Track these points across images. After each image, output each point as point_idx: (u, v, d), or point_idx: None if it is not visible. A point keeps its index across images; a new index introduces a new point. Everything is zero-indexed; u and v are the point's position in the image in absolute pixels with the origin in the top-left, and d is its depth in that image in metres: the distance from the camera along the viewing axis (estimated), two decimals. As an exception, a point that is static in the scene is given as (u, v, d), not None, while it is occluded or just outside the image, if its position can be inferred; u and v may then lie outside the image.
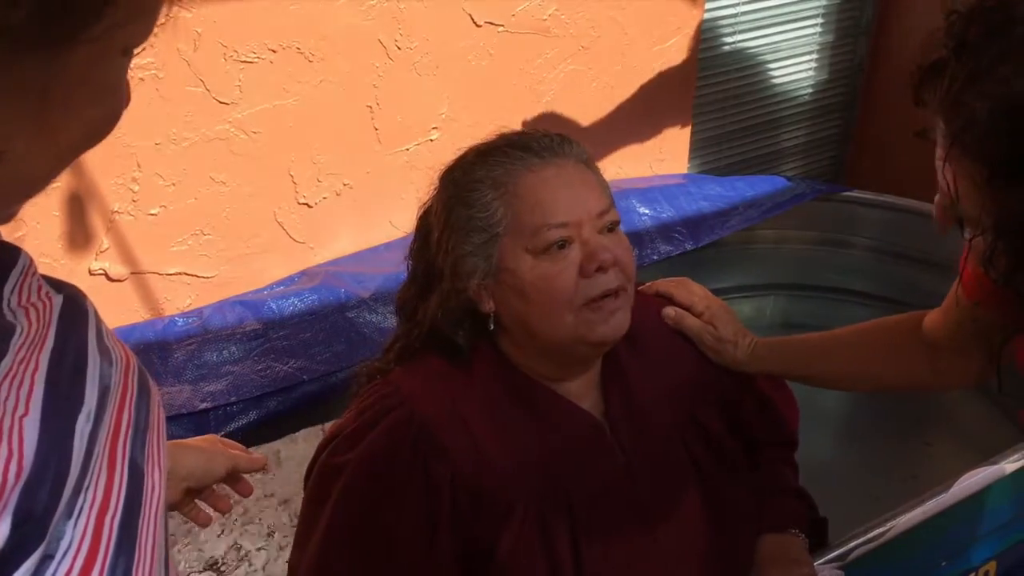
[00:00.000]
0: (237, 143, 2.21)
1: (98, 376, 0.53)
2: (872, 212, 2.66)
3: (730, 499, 1.24)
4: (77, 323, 0.54)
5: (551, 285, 1.09)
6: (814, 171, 3.50)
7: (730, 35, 3.02)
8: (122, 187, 2.09)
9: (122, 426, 0.53)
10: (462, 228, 1.12)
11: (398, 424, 1.12)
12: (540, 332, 1.12)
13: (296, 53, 2.20)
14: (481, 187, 1.11)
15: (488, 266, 1.11)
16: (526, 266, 1.10)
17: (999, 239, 0.90)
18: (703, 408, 1.26)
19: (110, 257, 2.15)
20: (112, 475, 0.51)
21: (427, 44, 2.37)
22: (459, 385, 1.15)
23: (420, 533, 1.09)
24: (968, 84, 0.86)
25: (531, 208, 1.09)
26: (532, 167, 1.11)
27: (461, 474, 1.10)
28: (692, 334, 1.31)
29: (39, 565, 0.45)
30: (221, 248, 2.29)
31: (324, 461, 1.16)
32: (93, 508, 0.48)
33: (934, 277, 2.56)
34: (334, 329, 2.19)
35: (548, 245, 1.09)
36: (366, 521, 1.11)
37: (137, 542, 0.51)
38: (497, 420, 1.14)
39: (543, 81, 2.60)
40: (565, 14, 2.56)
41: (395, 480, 1.10)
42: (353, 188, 2.42)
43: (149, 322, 2.17)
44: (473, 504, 1.10)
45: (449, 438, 1.11)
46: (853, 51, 3.35)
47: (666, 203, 2.63)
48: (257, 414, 2.06)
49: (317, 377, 2.11)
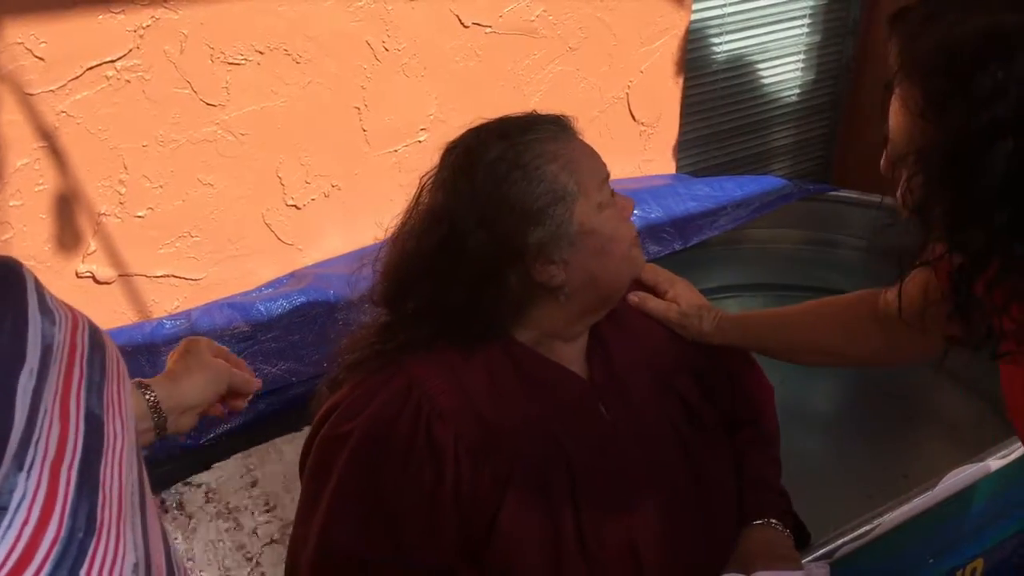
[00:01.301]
0: (225, 145, 2.20)
1: (40, 336, 0.54)
2: (859, 211, 2.67)
3: (710, 461, 1.28)
4: (14, 289, 0.55)
5: (620, 231, 1.19)
6: (802, 171, 3.51)
7: (718, 36, 3.03)
8: (109, 189, 2.09)
9: (72, 380, 0.55)
10: (529, 208, 1.12)
11: (399, 391, 1.14)
12: (612, 281, 1.20)
13: (284, 55, 2.20)
14: (541, 162, 1.14)
15: (565, 235, 1.14)
16: (604, 219, 1.17)
17: (918, 169, 0.99)
18: (679, 377, 1.30)
19: (97, 260, 2.14)
20: (66, 427, 0.52)
21: (415, 45, 2.38)
22: (458, 354, 1.17)
23: (426, 496, 1.11)
24: (924, 22, 0.99)
25: (588, 168, 1.17)
26: (564, 137, 1.19)
27: (463, 436, 1.12)
28: (658, 314, 1.35)
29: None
30: (209, 250, 2.29)
31: (325, 434, 1.17)
32: (46, 460, 0.50)
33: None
34: (323, 331, 2.18)
35: (609, 197, 1.18)
36: (372, 486, 1.12)
37: (100, 486, 0.53)
38: (495, 385, 1.16)
39: (531, 82, 2.61)
40: (553, 15, 2.57)
41: (399, 444, 1.11)
42: (341, 189, 2.42)
43: (137, 325, 2.16)
44: (476, 466, 1.12)
45: (449, 402, 1.13)
46: (840, 52, 3.37)
47: (654, 203, 2.64)
48: (245, 416, 2.06)
49: (306, 379, 2.11)
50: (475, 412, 1.14)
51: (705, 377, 1.34)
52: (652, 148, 2.96)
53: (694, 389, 1.31)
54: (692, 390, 1.30)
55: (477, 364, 1.17)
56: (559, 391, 1.20)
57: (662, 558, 1.18)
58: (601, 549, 1.14)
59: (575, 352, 1.24)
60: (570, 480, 1.15)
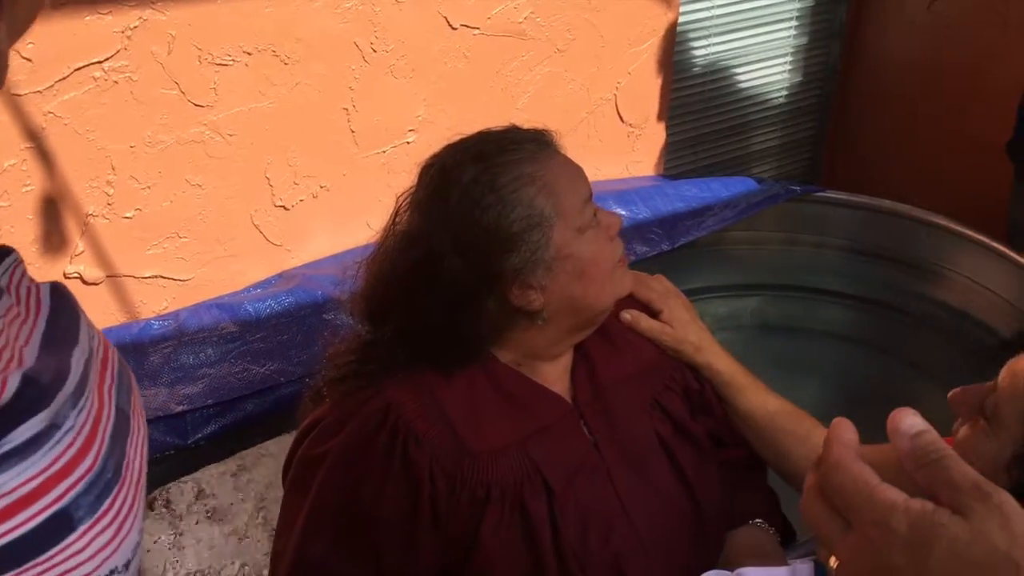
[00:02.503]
0: (213, 146, 2.21)
1: (87, 340, 0.59)
2: (845, 212, 2.68)
3: (700, 475, 1.26)
4: (69, 300, 0.61)
5: (602, 254, 1.17)
6: (789, 173, 3.53)
7: (705, 38, 3.05)
8: (96, 190, 2.09)
9: (105, 380, 0.59)
10: (504, 233, 1.11)
11: (375, 412, 1.13)
12: (593, 304, 1.17)
13: (272, 56, 2.20)
14: (517, 184, 1.11)
15: (541, 260, 1.12)
16: (583, 242, 1.14)
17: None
18: (665, 393, 1.28)
19: (85, 260, 2.14)
20: (101, 407, 0.57)
21: (403, 47, 2.38)
22: (437, 375, 1.16)
23: (402, 517, 1.11)
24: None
25: (567, 190, 1.15)
26: (543, 156, 1.16)
27: (440, 460, 1.12)
28: (651, 336, 1.32)
29: (47, 429, 0.51)
30: (197, 251, 2.29)
31: (303, 453, 1.17)
32: (90, 415, 0.55)
33: (907, 276, 2.60)
34: (311, 331, 2.19)
35: (590, 219, 1.16)
36: (346, 506, 1.12)
37: (125, 460, 0.58)
38: (475, 406, 1.15)
39: (519, 83, 2.61)
40: (540, 17, 2.58)
41: (374, 466, 1.11)
42: (330, 190, 2.42)
43: (125, 325, 2.16)
44: (452, 489, 1.12)
45: (426, 425, 1.12)
46: (827, 54, 3.39)
47: (642, 204, 2.65)
48: (234, 417, 2.06)
49: (294, 379, 2.11)
50: (452, 435, 1.13)
51: (695, 395, 1.32)
52: (640, 149, 2.97)
53: (681, 407, 1.29)
54: (679, 408, 1.29)
55: (457, 385, 1.16)
56: (539, 412, 1.18)
57: (647, 568, 1.17)
58: (582, 568, 1.13)
59: (558, 371, 1.23)
60: (547, 500, 1.14)
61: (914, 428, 0.55)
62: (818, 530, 0.55)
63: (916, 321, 2.59)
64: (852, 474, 0.53)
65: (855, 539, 0.53)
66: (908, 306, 2.60)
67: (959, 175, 3.07)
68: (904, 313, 2.61)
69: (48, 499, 0.50)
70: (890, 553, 0.51)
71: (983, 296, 2.47)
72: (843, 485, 0.53)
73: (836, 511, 0.54)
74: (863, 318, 2.67)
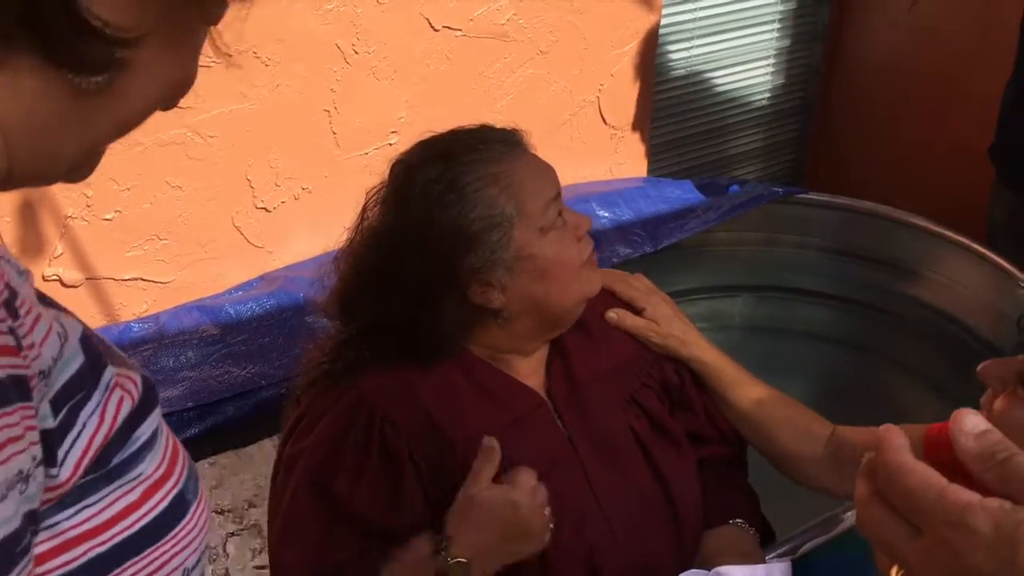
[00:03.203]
0: (194, 147, 2.19)
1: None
2: (827, 213, 2.69)
3: (675, 471, 1.27)
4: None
5: (566, 254, 1.16)
6: (773, 175, 3.54)
7: (688, 40, 3.05)
8: (75, 192, 2.07)
9: None
10: (463, 232, 1.11)
11: (351, 405, 1.14)
12: (557, 304, 1.17)
13: (252, 57, 2.19)
14: (480, 184, 1.12)
15: (501, 260, 1.13)
16: (546, 243, 1.15)
17: None
18: (642, 390, 1.29)
19: (64, 263, 2.12)
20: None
21: (385, 48, 2.38)
22: (414, 369, 1.17)
23: (383, 503, 1.11)
24: None
25: (531, 191, 1.15)
26: (510, 157, 1.16)
27: (418, 445, 1.13)
28: (637, 333, 1.33)
29: (160, 423, 0.59)
30: (178, 253, 2.27)
31: (285, 453, 1.19)
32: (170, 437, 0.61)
33: (888, 276, 2.61)
34: (293, 334, 2.18)
35: (554, 219, 1.16)
36: (325, 502, 1.12)
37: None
38: (450, 398, 1.16)
39: (501, 85, 2.61)
40: (523, 19, 2.58)
41: (352, 455, 1.12)
42: (312, 192, 2.41)
43: (103, 328, 2.14)
44: (435, 476, 1.13)
45: (403, 416, 1.14)
46: (809, 56, 3.40)
47: (625, 206, 2.65)
48: (214, 420, 2.05)
49: (275, 382, 2.10)
50: (429, 424, 1.14)
51: (674, 390, 1.33)
52: (623, 151, 2.98)
53: (659, 403, 1.30)
54: (657, 404, 1.29)
55: (433, 378, 1.17)
56: (513, 405, 1.19)
57: (620, 562, 1.18)
58: (556, 559, 1.14)
59: (532, 364, 1.24)
60: None
61: (978, 428, 0.53)
62: (881, 537, 0.54)
63: (897, 321, 2.60)
64: (918, 476, 0.52)
65: (927, 543, 0.51)
66: (889, 306, 2.61)
67: (941, 177, 3.08)
68: (885, 313, 2.62)
69: (170, 484, 0.57)
70: (971, 554, 0.49)
71: (963, 297, 2.48)
72: (910, 488, 0.52)
73: (901, 517, 0.52)
74: (845, 318, 2.68)
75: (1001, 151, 2.36)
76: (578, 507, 1.18)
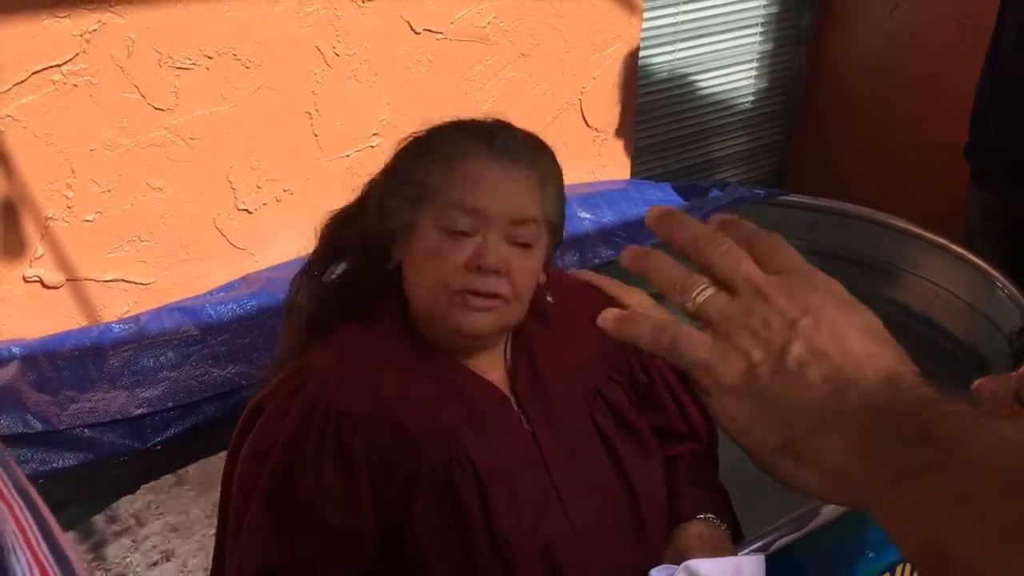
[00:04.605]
0: (174, 149, 2.20)
1: None
2: (807, 215, 2.71)
3: (640, 469, 1.27)
4: None
5: (439, 263, 1.12)
6: (756, 177, 3.55)
7: (670, 43, 3.07)
8: (56, 193, 2.08)
9: None
10: (403, 177, 1.18)
11: (308, 402, 1.14)
12: (421, 304, 1.16)
13: (233, 60, 2.20)
14: (433, 155, 1.17)
15: (407, 221, 1.16)
16: (430, 238, 1.14)
17: None
18: (609, 385, 1.29)
19: (45, 264, 2.13)
20: None
21: (366, 51, 2.39)
22: (372, 357, 1.18)
23: (341, 503, 1.12)
24: None
25: (459, 188, 1.13)
26: (484, 156, 1.15)
27: (373, 440, 1.13)
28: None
29: None
30: (159, 255, 2.28)
31: (248, 449, 1.18)
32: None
33: (867, 278, 2.62)
34: (273, 335, 2.18)
35: (452, 227, 1.13)
36: (288, 497, 1.13)
37: None
38: (407, 389, 1.17)
39: (483, 88, 2.62)
40: (504, 22, 2.59)
41: (311, 456, 1.12)
42: (293, 194, 2.42)
43: (84, 329, 2.15)
44: (387, 471, 1.13)
45: (359, 409, 1.14)
46: (792, 59, 3.42)
47: (607, 208, 2.67)
48: (194, 420, 2.06)
49: (256, 382, 2.09)
50: (385, 418, 1.14)
51: (642, 388, 1.33)
52: (606, 154, 2.99)
53: (625, 400, 1.30)
54: (623, 400, 1.30)
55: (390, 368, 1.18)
56: (471, 398, 1.19)
57: (581, 557, 1.18)
58: (513, 552, 1.14)
59: (491, 358, 1.24)
60: (477, 485, 1.15)
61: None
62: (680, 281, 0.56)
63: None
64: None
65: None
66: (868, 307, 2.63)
67: (923, 179, 3.10)
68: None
69: None
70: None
71: (943, 298, 2.50)
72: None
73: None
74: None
75: (975, 147, 2.37)
76: (537, 501, 1.18)
